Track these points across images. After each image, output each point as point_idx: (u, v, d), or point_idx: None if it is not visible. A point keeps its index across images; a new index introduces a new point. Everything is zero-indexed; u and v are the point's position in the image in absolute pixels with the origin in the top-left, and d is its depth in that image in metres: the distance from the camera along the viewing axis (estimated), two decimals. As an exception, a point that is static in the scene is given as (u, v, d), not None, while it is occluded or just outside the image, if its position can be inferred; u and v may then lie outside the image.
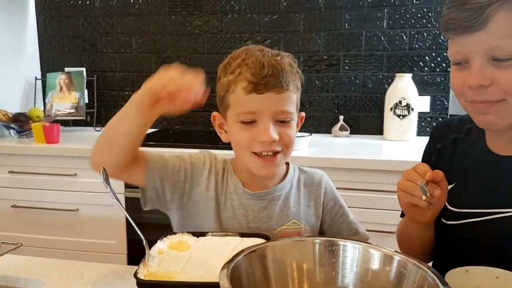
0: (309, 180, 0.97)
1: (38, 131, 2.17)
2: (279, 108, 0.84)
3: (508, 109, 0.76)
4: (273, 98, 0.83)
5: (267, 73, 0.82)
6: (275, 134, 0.84)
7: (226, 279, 0.56)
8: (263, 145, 0.85)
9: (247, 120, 0.85)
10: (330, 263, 0.67)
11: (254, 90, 0.82)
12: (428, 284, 0.57)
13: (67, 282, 0.87)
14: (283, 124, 0.86)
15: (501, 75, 0.73)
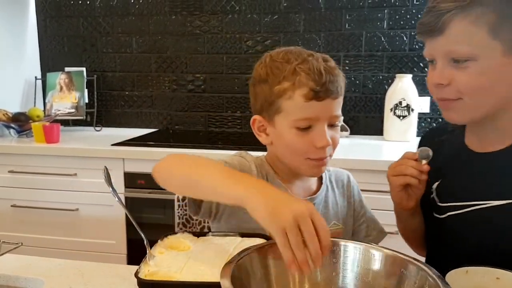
0: (339, 181, 0.99)
1: (38, 131, 2.17)
2: (333, 113, 0.86)
3: (465, 107, 0.83)
4: (330, 104, 0.85)
5: (326, 80, 0.83)
6: (330, 139, 0.86)
7: (227, 278, 0.56)
8: (318, 152, 0.86)
9: (304, 126, 0.85)
10: (331, 263, 0.67)
11: (315, 98, 0.83)
12: (429, 285, 0.57)
13: (68, 282, 0.87)
14: (333, 127, 0.88)
15: (458, 75, 0.80)
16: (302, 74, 0.83)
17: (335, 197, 0.97)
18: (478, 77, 0.79)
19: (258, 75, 0.90)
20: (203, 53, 2.48)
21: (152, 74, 2.55)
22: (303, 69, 0.83)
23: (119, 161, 2.04)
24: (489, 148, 0.87)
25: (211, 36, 2.46)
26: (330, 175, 0.99)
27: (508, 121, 0.85)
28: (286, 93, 0.85)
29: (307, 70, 0.83)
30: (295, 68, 0.84)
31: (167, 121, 2.59)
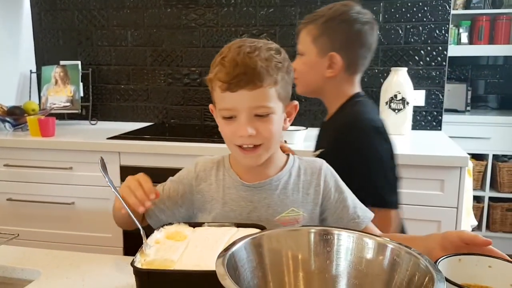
0: (309, 168, 0.99)
1: (33, 125, 2.17)
2: (254, 104, 0.87)
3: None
4: (246, 95, 0.86)
5: (239, 71, 0.85)
6: (251, 130, 0.87)
7: (222, 266, 0.57)
8: (241, 139, 0.89)
9: (227, 116, 0.89)
10: (325, 252, 0.68)
11: (228, 89, 0.86)
12: (421, 271, 0.58)
13: (64, 273, 0.88)
14: (261, 118, 0.88)
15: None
16: (219, 66, 0.87)
17: (298, 185, 0.97)
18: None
19: None
20: (199, 46, 2.48)
21: (147, 67, 2.55)
22: (222, 61, 0.87)
23: (115, 154, 2.04)
24: None
25: (207, 30, 2.46)
26: (301, 163, 1.00)
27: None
28: (211, 84, 0.91)
29: (224, 62, 0.86)
30: (218, 60, 0.88)
31: (163, 115, 2.59)
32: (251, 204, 0.95)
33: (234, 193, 0.96)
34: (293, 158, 1.01)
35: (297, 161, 1.00)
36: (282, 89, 0.90)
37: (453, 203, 1.78)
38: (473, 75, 3.16)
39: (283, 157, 1.00)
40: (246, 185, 0.96)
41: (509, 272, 0.73)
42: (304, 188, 0.97)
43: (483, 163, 2.76)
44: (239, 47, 0.87)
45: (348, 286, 0.66)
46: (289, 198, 0.95)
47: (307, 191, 0.96)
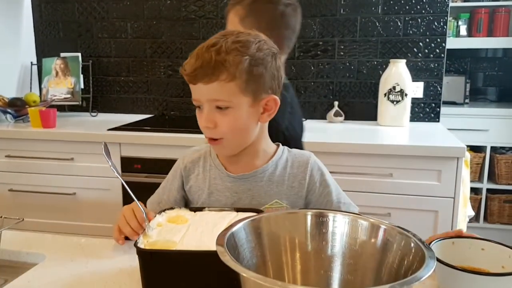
0: (296, 162, 1.00)
1: (34, 116, 2.18)
2: (210, 97, 0.88)
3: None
4: (203, 88, 0.87)
5: (197, 65, 0.86)
6: (208, 122, 0.89)
7: (222, 244, 0.59)
8: (203, 130, 0.92)
9: (196, 105, 0.92)
10: (321, 233, 0.70)
11: (189, 81, 0.89)
12: (412, 250, 0.60)
13: (68, 255, 0.90)
14: (221, 111, 0.89)
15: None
16: (188, 58, 0.89)
17: (283, 177, 0.98)
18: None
19: None
20: (198, 38, 2.49)
21: (147, 59, 2.56)
22: (192, 53, 0.89)
23: (116, 145, 2.06)
24: None
25: (206, 21, 2.47)
26: (289, 155, 1.01)
27: None
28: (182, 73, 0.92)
29: (192, 54, 0.88)
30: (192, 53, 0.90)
31: (163, 106, 2.61)
32: (236, 195, 0.97)
33: (219, 183, 0.98)
34: (282, 149, 1.02)
35: (285, 153, 1.01)
36: (247, 83, 0.87)
37: (450, 193, 1.80)
38: (472, 68, 3.17)
39: (271, 148, 1.01)
40: (231, 176, 0.98)
41: (501, 254, 0.75)
42: (289, 180, 0.98)
43: (481, 155, 2.78)
44: (210, 39, 0.88)
45: (343, 265, 0.68)
46: (273, 190, 0.97)
47: (292, 183, 0.98)
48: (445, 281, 0.73)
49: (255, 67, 0.87)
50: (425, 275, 0.52)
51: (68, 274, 0.83)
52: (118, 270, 0.84)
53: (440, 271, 0.73)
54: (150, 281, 0.72)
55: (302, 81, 2.42)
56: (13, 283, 0.80)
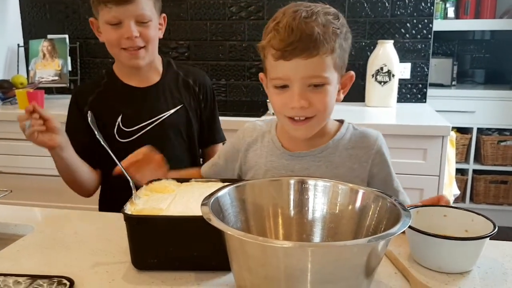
0: (360, 142, 0.93)
1: (22, 98, 2.17)
2: (308, 73, 0.82)
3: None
4: (301, 64, 0.80)
5: (294, 39, 0.79)
6: (303, 101, 0.82)
7: (207, 207, 0.61)
8: (293, 111, 0.84)
9: (279, 85, 0.85)
10: (303, 199, 0.73)
11: (281, 57, 0.81)
12: (389, 210, 0.62)
13: (57, 227, 0.92)
14: (316, 88, 0.83)
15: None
16: (273, 32, 0.82)
17: (345, 158, 0.92)
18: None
19: None
20: (187, 19, 2.47)
21: (136, 41, 2.54)
22: (276, 27, 0.82)
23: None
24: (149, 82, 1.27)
25: (194, 2, 2.45)
26: (353, 134, 0.94)
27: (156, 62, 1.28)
28: (263, 51, 0.86)
29: (278, 28, 0.81)
30: (271, 26, 0.83)
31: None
32: (292, 174, 0.92)
33: (276, 160, 0.94)
34: (346, 127, 0.95)
35: (349, 131, 0.95)
36: (339, 57, 0.84)
37: (435, 171, 1.83)
38: (459, 50, 3.19)
39: (334, 126, 0.95)
40: (289, 153, 0.93)
41: (463, 219, 0.78)
42: (350, 162, 0.92)
43: (468, 137, 2.82)
44: (295, 11, 0.82)
45: (324, 229, 0.71)
46: (332, 171, 0.91)
47: (353, 165, 0.92)
48: (417, 247, 0.76)
49: (345, 41, 0.85)
50: (399, 231, 0.54)
51: (56, 243, 0.84)
52: (106, 241, 0.85)
53: (412, 238, 0.76)
54: (138, 247, 0.73)
55: (291, 62, 2.42)
56: (1, 252, 0.81)
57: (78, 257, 0.79)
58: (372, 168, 0.93)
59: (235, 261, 0.60)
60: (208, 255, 0.71)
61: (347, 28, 0.87)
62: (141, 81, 1.26)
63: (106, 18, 1.15)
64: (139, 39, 1.15)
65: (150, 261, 0.72)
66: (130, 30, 1.12)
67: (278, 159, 0.94)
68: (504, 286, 0.71)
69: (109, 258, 0.78)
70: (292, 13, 0.82)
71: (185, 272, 0.73)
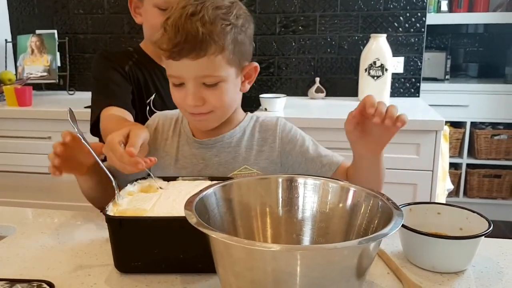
0: (264, 126, 0.96)
1: (10, 94, 2.13)
2: (199, 73, 0.81)
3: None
4: (191, 64, 0.80)
5: (180, 39, 0.78)
6: (196, 100, 0.83)
7: (190, 208, 0.58)
8: (189, 108, 0.86)
9: (176, 83, 0.85)
10: (293, 198, 0.70)
11: (170, 57, 0.81)
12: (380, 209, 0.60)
13: (39, 228, 0.89)
14: (210, 87, 0.83)
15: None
16: (162, 30, 0.81)
17: (252, 142, 0.94)
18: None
19: None
20: (178, 14, 2.43)
21: (125, 35, 2.50)
22: (165, 24, 0.80)
23: (94, 123, 2.02)
24: None
25: (186, -3, 2.41)
26: (257, 121, 0.97)
27: None
28: (157, 48, 0.83)
29: (166, 26, 0.80)
30: (163, 23, 0.81)
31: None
32: (203, 162, 0.93)
33: (187, 150, 0.95)
34: (250, 116, 0.99)
35: (253, 119, 0.98)
36: (233, 53, 0.83)
37: (428, 166, 1.82)
38: (452, 44, 3.18)
39: (240, 116, 0.98)
40: (198, 141, 0.94)
41: (457, 216, 0.76)
42: (258, 145, 0.94)
43: (461, 131, 2.81)
44: (183, 7, 0.79)
45: (314, 229, 0.68)
46: (241, 156, 0.93)
47: (261, 148, 0.94)
48: (410, 246, 0.74)
49: (239, 35, 0.83)
50: (392, 231, 0.52)
51: (38, 245, 0.81)
52: (89, 241, 0.82)
53: (404, 237, 0.74)
54: (121, 249, 0.71)
55: (283, 57, 2.39)
56: (-19, 255, 0.78)
57: (60, 259, 0.76)
58: (282, 147, 0.94)
59: (221, 265, 0.57)
60: (194, 257, 0.69)
61: (244, 18, 0.85)
62: None
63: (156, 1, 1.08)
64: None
65: (133, 264, 0.70)
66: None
67: (189, 148, 0.95)
68: (499, 285, 0.69)
69: (92, 260, 0.76)
70: (180, 9, 0.79)
71: (171, 275, 0.70)
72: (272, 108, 2.04)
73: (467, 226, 0.75)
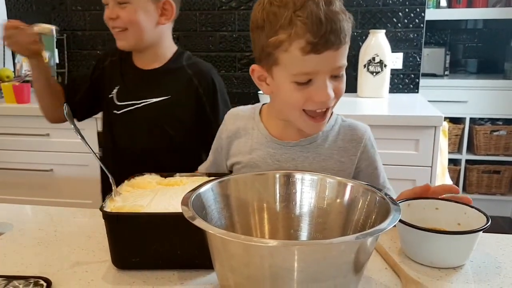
0: (349, 135, 0.91)
1: (8, 91, 2.13)
2: (336, 65, 0.78)
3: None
4: (331, 56, 0.76)
5: (326, 30, 0.73)
6: (332, 92, 0.79)
7: (186, 204, 0.58)
8: (318, 104, 0.80)
9: (303, 81, 0.78)
10: (290, 193, 0.70)
11: (313, 51, 0.75)
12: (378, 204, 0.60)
13: (37, 224, 0.89)
14: (336, 78, 0.80)
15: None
16: (298, 24, 0.74)
17: (333, 150, 0.89)
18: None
19: (255, 20, 0.81)
20: (176, 10, 2.42)
21: (123, 32, 2.49)
22: (301, 17, 0.74)
23: (92, 120, 2.01)
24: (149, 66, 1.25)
25: (184, -7, 2.40)
26: (342, 126, 0.92)
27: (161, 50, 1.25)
28: (282, 45, 0.77)
29: (304, 19, 0.74)
30: (291, 16, 0.75)
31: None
32: (278, 164, 0.88)
33: (261, 149, 0.90)
34: (334, 119, 0.92)
35: (338, 123, 0.92)
36: None
37: (427, 162, 1.82)
38: (451, 40, 3.17)
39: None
40: (276, 142, 0.89)
41: (455, 212, 0.76)
42: (338, 154, 0.89)
43: (461, 127, 2.81)
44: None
45: (312, 224, 0.68)
46: (319, 164, 0.88)
47: (341, 158, 0.89)
48: (408, 242, 0.74)
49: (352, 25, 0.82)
50: (389, 227, 0.52)
51: (35, 242, 0.81)
52: (86, 238, 0.82)
53: (403, 232, 0.74)
54: (118, 246, 0.70)
55: (282, 53, 2.38)
56: (-22, 252, 0.78)
57: (57, 256, 0.76)
58: (359, 162, 0.90)
59: (218, 261, 0.57)
60: (191, 253, 0.68)
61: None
62: (143, 63, 1.26)
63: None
64: (117, 21, 1.18)
65: (131, 260, 0.70)
66: (108, 11, 1.19)
67: (264, 147, 0.90)
68: (497, 280, 0.68)
69: (89, 257, 0.75)
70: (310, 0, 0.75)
71: (168, 271, 0.70)
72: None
73: (465, 221, 0.75)
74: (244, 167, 0.91)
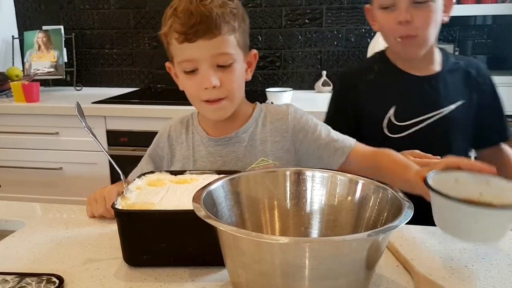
0: (275, 115, 0.96)
1: (17, 90, 2.14)
2: (214, 52, 0.85)
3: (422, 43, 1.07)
4: (205, 45, 0.84)
5: (195, 21, 0.82)
6: (216, 80, 0.85)
7: (198, 201, 0.58)
8: (206, 92, 0.87)
9: (189, 69, 0.87)
10: (301, 191, 0.70)
11: (185, 40, 0.84)
12: (390, 201, 0.60)
13: (48, 222, 0.89)
14: (224, 69, 0.87)
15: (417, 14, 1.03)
16: (172, 17, 0.85)
17: (265, 134, 0.94)
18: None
19: None
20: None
21: (131, 30, 2.50)
22: (176, 12, 0.84)
23: (101, 119, 2.03)
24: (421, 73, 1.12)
25: (191, -9, 2.40)
26: (267, 111, 0.97)
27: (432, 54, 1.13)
28: (166, 38, 0.88)
29: (177, 13, 0.84)
30: (170, 13, 0.86)
31: (149, 79, 2.57)
32: (221, 159, 0.94)
33: (203, 150, 0.96)
34: (259, 107, 0.99)
35: (263, 110, 0.98)
36: (240, 37, 0.88)
37: (437, 159, 1.80)
38: (460, 36, 3.14)
39: (249, 108, 0.98)
40: (214, 140, 0.96)
41: (476, 182, 0.69)
42: (271, 136, 0.94)
43: (469, 123, 2.79)
44: None
45: (322, 222, 0.68)
46: (257, 149, 0.94)
47: (275, 138, 0.94)
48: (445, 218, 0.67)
49: (243, 22, 0.90)
50: (401, 224, 0.52)
51: (47, 240, 0.82)
52: (98, 235, 0.83)
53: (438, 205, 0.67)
54: (129, 243, 0.71)
55: (289, 50, 2.38)
56: (-9, 249, 0.79)
57: (69, 253, 0.76)
58: (295, 135, 0.94)
59: (229, 257, 0.57)
60: (202, 250, 0.69)
61: (243, 9, 0.91)
62: (419, 69, 1.12)
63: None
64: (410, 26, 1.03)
65: (142, 257, 0.70)
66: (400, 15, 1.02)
67: (205, 148, 0.96)
68: (510, 278, 0.68)
69: (101, 254, 0.76)
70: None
71: (179, 268, 0.70)
72: (279, 102, 2.03)
73: (488, 191, 0.68)
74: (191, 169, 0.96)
